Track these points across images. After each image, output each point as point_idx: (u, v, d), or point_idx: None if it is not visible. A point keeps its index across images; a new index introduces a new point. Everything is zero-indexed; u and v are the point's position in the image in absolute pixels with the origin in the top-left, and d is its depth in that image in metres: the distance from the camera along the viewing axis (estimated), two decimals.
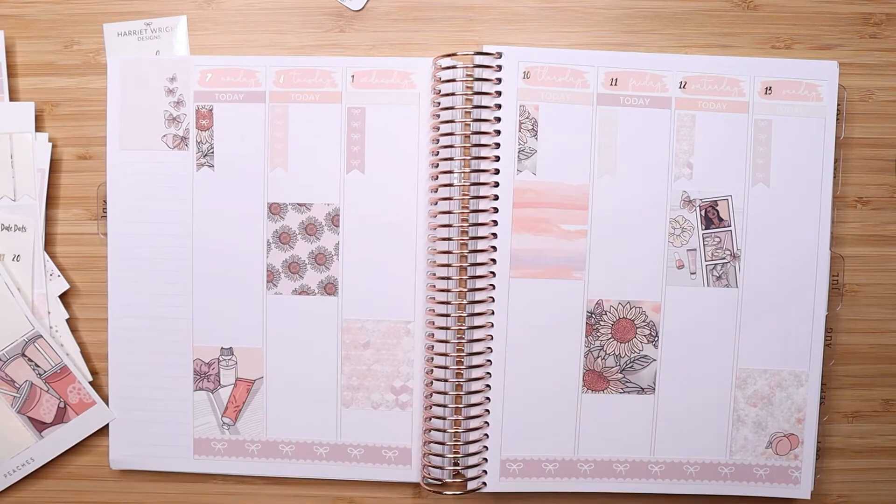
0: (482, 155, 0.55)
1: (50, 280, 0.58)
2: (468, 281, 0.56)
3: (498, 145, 0.55)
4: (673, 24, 0.57)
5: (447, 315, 0.55)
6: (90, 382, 0.58)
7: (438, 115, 0.55)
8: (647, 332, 0.56)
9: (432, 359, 0.56)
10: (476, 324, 0.55)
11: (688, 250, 0.56)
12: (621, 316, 0.56)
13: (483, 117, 0.55)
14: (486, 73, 0.55)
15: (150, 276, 0.57)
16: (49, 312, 0.57)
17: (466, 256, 0.56)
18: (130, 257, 0.57)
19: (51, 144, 0.57)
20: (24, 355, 0.57)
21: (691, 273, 0.56)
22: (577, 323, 0.56)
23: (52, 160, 0.57)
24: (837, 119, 0.55)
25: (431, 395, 0.56)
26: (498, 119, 0.55)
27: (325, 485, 0.58)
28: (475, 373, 0.56)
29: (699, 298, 0.56)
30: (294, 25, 0.57)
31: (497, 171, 0.55)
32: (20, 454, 0.57)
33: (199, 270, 0.57)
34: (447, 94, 0.55)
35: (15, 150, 0.57)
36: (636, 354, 0.56)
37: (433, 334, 0.56)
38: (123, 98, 0.56)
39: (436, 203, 0.56)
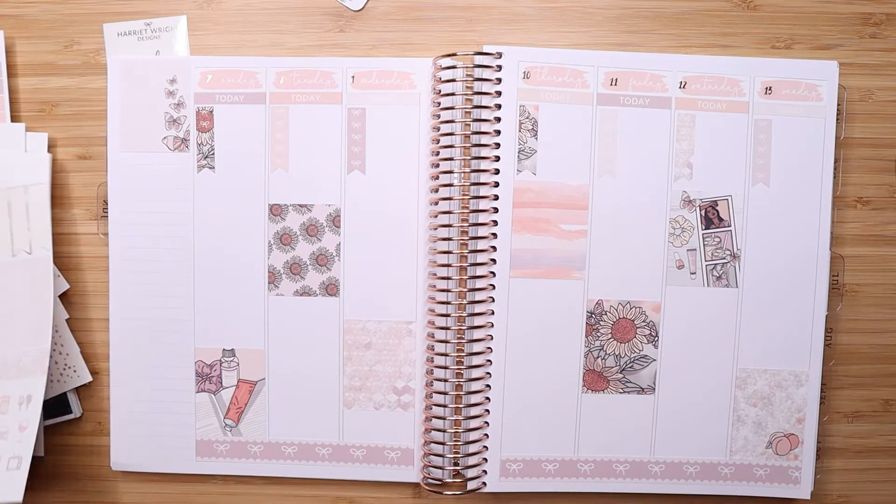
0: (482, 155, 0.55)
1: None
2: (468, 281, 0.56)
3: (498, 145, 0.55)
4: (673, 24, 0.57)
5: (447, 315, 0.55)
6: (90, 383, 0.58)
7: (439, 116, 0.55)
8: (647, 332, 0.56)
9: (432, 359, 0.56)
10: (476, 324, 0.56)
11: (688, 250, 0.56)
12: (621, 316, 0.56)
13: (483, 117, 0.55)
14: (486, 73, 0.55)
15: (151, 278, 0.57)
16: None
17: (466, 256, 0.56)
18: (131, 258, 0.57)
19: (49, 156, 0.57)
20: None
21: (691, 273, 0.56)
22: (577, 323, 0.56)
23: (52, 160, 0.57)
24: (837, 119, 0.56)
25: (431, 395, 0.56)
26: (498, 119, 0.55)
27: (324, 485, 0.58)
28: (475, 373, 0.56)
29: (699, 298, 0.56)
30: (294, 25, 0.57)
31: (497, 171, 0.55)
32: None
33: (200, 272, 0.57)
34: (447, 95, 0.55)
35: (31, 203, 0.56)
36: (636, 354, 0.56)
37: (433, 334, 0.56)
38: (124, 99, 0.56)
39: (436, 203, 0.56)
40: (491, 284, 0.56)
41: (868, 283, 0.58)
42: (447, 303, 0.55)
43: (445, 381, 0.56)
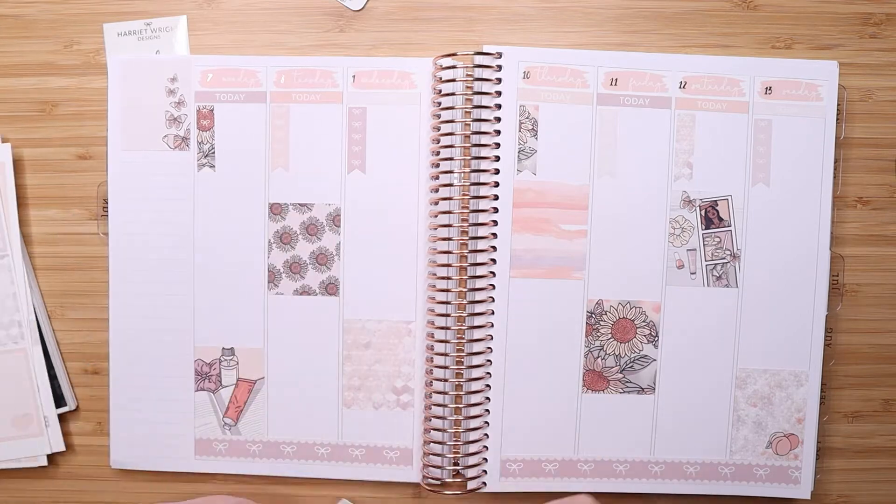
0: (482, 155, 0.55)
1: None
2: (468, 281, 0.56)
3: (498, 145, 0.55)
4: (673, 24, 0.57)
5: (447, 315, 0.55)
6: (90, 382, 0.58)
7: (439, 115, 0.55)
8: (647, 331, 0.56)
9: (432, 359, 0.56)
10: (476, 324, 0.55)
11: (688, 250, 0.56)
12: (621, 316, 0.56)
13: (483, 117, 0.55)
14: (486, 73, 0.55)
15: (151, 277, 0.57)
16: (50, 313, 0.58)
17: (466, 256, 0.56)
18: (131, 257, 0.57)
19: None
20: None
21: (691, 273, 0.56)
22: (577, 323, 0.56)
23: (51, 160, 0.57)
24: (838, 119, 0.56)
25: (431, 395, 0.56)
26: (498, 119, 0.55)
27: (324, 484, 0.58)
28: (475, 373, 0.56)
29: (699, 298, 0.56)
30: (294, 25, 0.57)
31: (497, 171, 0.55)
32: None
33: (200, 270, 0.57)
34: (447, 94, 0.55)
35: None
36: (636, 354, 0.56)
37: (433, 334, 0.56)
38: (124, 97, 0.56)
39: (436, 203, 0.56)
40: (491, 284, 0.56)
41: (868, 283, 0.58)
42: (447, 303, 0.55)
43: (445, 381, 0.56)
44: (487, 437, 0.56)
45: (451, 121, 0.54)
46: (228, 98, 0.56)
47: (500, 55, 0.55)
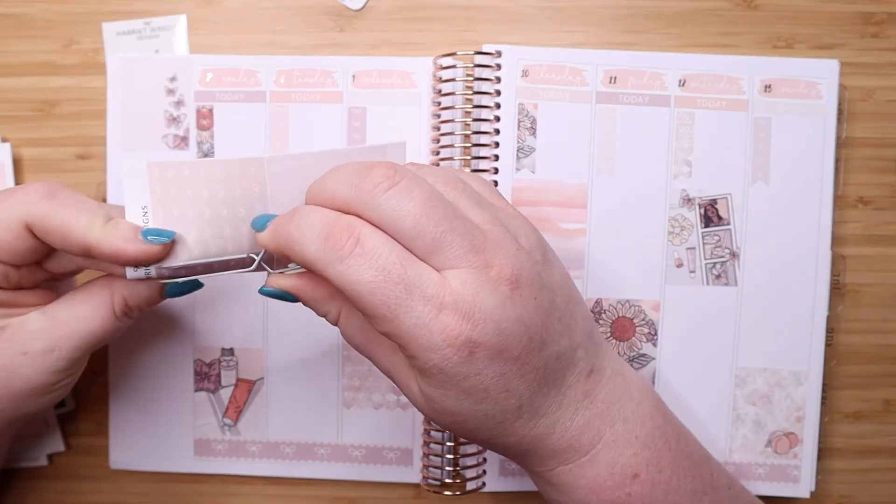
0: (481, 154, 0.55)
1: None
2: None
3: (497, 144, 0.55)
4: (674, 24, 0.57)
5: None
6: (89, 382, 0.58)
7: (439, 115, 0.55)
8: (647, 330, 0.56)
9: None
10: None
11: (687, 249, 0.56)
12: (620, 314, 0.56)
13: (483, 117, 0.55)
14: (485, 73, 0.55)
15: None
16: None
17: None
18: None
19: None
20: None
21: (690, 271, 0.56)
22: None
23: (51, 160, 0.57)
24: (839, 119, 0.55)
25: None
26: (498, 118, 0.55)
27: (324, 485, 0.58)
28: None
29: (698, 297, 0.56)
30: (294, 25, 0.57)
31: (496, 171, 0.55)
32: None
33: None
34: (447, 94, 0.55)
35: None
36: (635, 353, 0.56)
37: None
38: (124, 97, 0.56)
39: None
40: None
41: (870, 284, 0.58)
42: None
43: None
44: None
45: (451, 120, 0.54)
46: (228, 98, 0.56)
47: (499, 54, 0.55)
